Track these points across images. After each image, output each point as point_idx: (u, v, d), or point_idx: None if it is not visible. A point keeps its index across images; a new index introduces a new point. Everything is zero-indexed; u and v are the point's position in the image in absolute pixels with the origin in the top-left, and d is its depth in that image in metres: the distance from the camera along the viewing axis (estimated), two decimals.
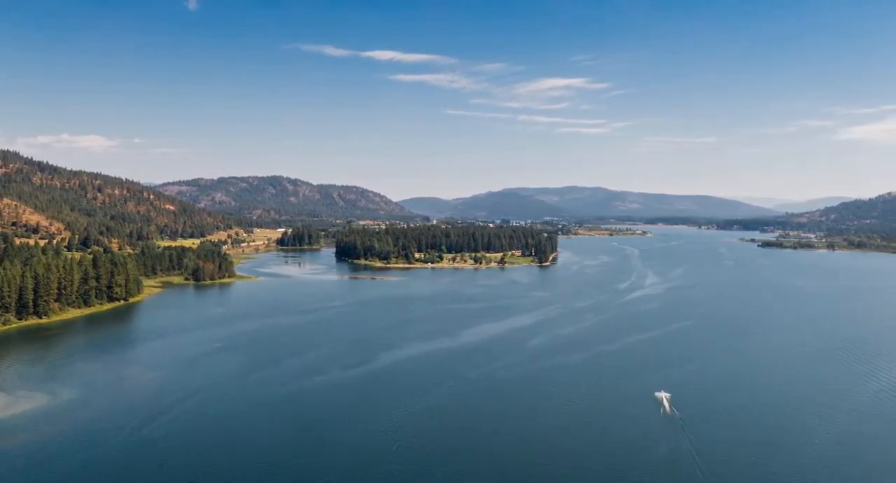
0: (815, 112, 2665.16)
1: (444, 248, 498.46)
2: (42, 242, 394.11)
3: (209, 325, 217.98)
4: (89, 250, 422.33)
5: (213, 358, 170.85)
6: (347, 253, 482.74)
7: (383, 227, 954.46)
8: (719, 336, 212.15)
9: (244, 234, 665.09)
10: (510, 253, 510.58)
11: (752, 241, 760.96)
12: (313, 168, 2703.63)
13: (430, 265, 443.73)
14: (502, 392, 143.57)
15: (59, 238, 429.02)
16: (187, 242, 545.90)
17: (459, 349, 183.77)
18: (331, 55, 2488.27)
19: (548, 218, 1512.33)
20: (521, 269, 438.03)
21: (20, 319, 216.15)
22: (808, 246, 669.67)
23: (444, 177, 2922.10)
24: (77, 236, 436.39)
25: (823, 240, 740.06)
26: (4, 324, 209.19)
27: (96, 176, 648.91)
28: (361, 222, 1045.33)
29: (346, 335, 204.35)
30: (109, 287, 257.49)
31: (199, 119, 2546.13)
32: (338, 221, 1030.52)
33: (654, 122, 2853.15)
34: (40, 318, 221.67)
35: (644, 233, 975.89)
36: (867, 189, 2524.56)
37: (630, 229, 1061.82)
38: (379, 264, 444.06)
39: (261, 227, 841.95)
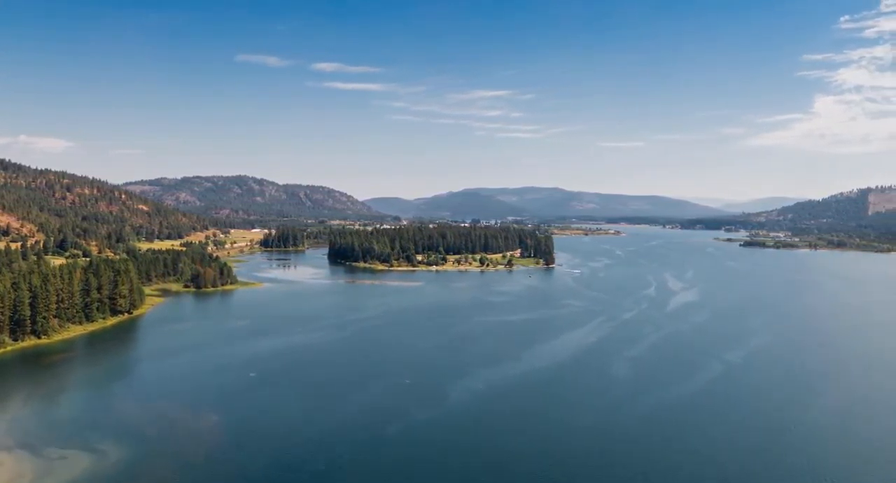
0: (732, 120, 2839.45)
1: (441, 249, 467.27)
2: (14, 245, 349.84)
3: (232, 345, 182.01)
4: (67, 253, 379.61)
5: (258, 394, 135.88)
6: (343, 255, 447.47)
7: (357, 227, 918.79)
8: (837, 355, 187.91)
9: (221, 235, 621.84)
10: (509, 254, 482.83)
11: (730, 240, 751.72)
12: (278, 168, 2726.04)
13: (434, 268, 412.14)
14: (642, 449, 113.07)
15: (32, 241, 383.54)
16: (165, 244, 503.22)
17: (537, 380, 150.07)
18: (275, 65, 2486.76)
19: (510, 217, 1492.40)
20: (529, 271, 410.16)
21: (16, 341, 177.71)
22: (790, 246, 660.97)
23: (403, 178, 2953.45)
24: (52, 239, 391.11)
25: (796, 238, 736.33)
26: None
27: (63, 175, 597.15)
28: (333, 222, 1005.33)
29: (397, 359, 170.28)
30: (112, 298, 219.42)
31: (160, 120, 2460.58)
32: (309, 221, 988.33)
33: (585, 128, 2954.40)
34: (39, 337, 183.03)
35: (617, 232, 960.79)
36: (797, 190, 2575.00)
37: (601, 229, 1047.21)
38: (380, 267, 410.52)
39: (232, 227, 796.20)
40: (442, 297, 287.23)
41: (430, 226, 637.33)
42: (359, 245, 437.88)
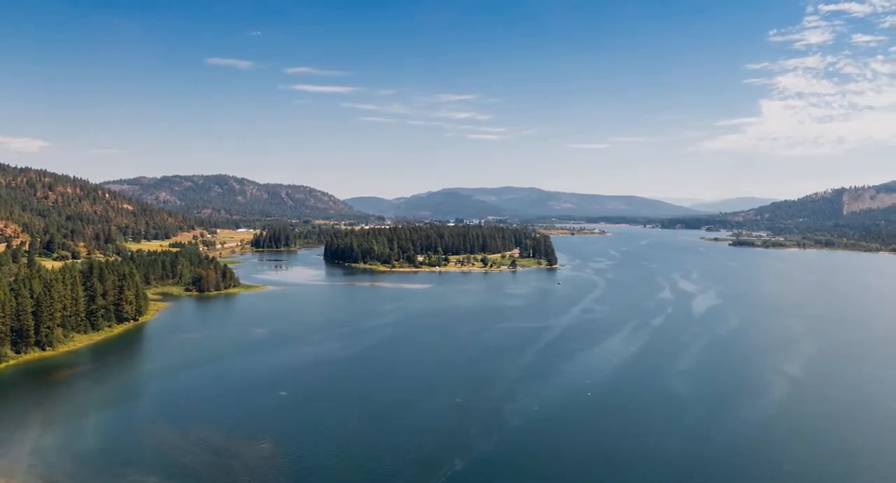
0: (689, 123, 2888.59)
1: (440, 249, 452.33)
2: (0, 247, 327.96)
3: (253, 357, 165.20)
4: (54, 255, 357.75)
5: (298, 416, 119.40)
6: (341, 256, 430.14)
7: (342, 226, 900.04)
8: None
9: (209, 236, 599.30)
10: (508, 253, 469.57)
11: (716, 240, 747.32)
12: (258, 167, 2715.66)
13: (437, 269, 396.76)
14: None
15: (17, 241, 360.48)
16: (153, 245, 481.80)
17: (593, 399, 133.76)
18: (245, 68, 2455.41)
19: (491, 217, 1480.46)
20: (534, 273, 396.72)
21: (18, 353, 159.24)
22: (779, 245, 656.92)
23: (381, 178, 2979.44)
24: (39, 240, 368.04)
25: (780, 238, 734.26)
26: (0, 361, 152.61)
27: (44, 173, 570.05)
28: (318, 222, 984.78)
29: (436, 373, 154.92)
30: (117, 305, 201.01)
31: (135, 120, 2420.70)
32: (294, 221, 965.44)
33: (551, 130, 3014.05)
34: (43, 349, 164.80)
35: (602, 232, 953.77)
36: (764, 190, 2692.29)
37: (584, 228, 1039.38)
38: (382, 268, 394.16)
39: (216, 226, 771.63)
40: (456, 301, 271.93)
41: (418, 225, 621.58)
42: (357, 246, 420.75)
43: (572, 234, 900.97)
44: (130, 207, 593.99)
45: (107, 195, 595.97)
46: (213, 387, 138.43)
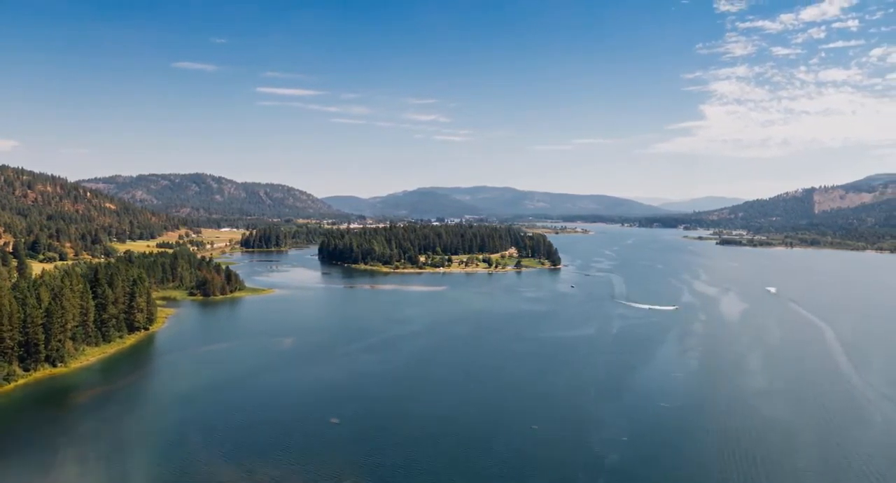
0: (644, 126, 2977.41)
1: (439, 249, 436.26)
2: None
3: (286, 374, 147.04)
4: (41, 256, 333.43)
5: (365, 451, 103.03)
6: (340, 256, 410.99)
7: (325, 225, 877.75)
8: None
9: (194, 235, 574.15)
10: (506, 253, 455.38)
11: (700, 238, 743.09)
12: (234, 166, 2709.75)
13: (440, 270, 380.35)
14: None
15: (0, 242, 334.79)
16: (139, 245, 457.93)
17: (686, 426, 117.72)
18: (211, 71, 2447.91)
19: (468, 216, 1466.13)
20: (539, 274, 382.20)
21: (27, 370, 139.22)
22: (766, 244, 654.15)
23: (356, 177, 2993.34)
24: (23, 240, 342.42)
25: (763, 237, 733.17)
26: (7, 379, 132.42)
27: (22, 171, 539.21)
28: (301, 221, 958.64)
29: (496, 395, 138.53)
30: (128, 313, 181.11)
31: (107, 119, 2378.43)
32: (276, 220, 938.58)
33: (513, 133, 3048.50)
34: (54, 365, 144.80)
35: (585, 231, 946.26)
36: (728, 190, 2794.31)
37: (566, 228, 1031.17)
38: (384, 269, 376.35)
39: (197, 226, 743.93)
40: (476, 305, 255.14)
41: (413, 224, 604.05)
42: (357, 246, 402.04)
43: (556, 233, 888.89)
44: (113, 206, 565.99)
45: (88, 194, 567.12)
46: (257, 411, 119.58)
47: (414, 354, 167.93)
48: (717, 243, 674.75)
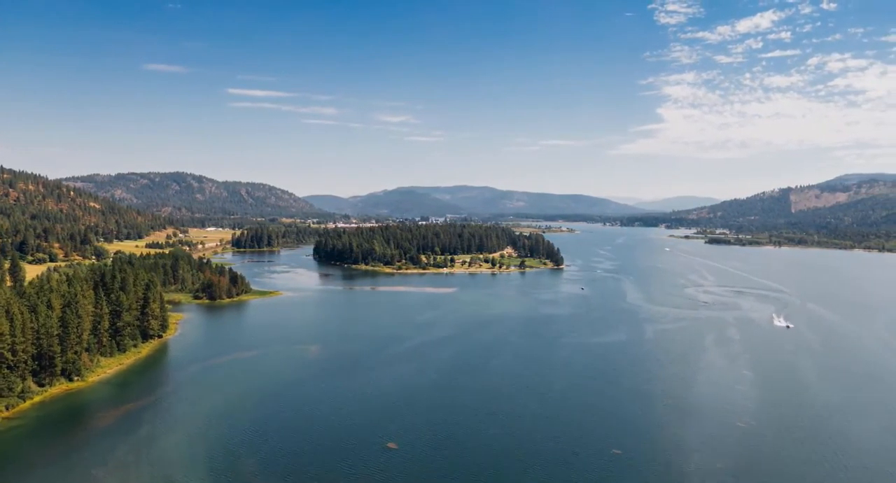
0: (609, 128, 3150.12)
1: (437, 248, 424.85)
2: None
3: (325, 386, 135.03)
4: (30, 258, 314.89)
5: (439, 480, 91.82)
6: (338, 257, 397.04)
7: (310, 224, 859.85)
8: None
9: (181, 235, 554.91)
10: (504, 252, 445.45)
11: (687, 237, 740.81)
12: (214, 165, 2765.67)
13: (443, 270, 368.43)
14: None
15: None
16: (128, 245, 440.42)
17: (780, 451, 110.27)
18: (182, 73, 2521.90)
19: (449, 215, 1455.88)
20: (543, 274, 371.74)
21: (41, 386, 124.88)
22: (755, 243, 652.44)
23: (335, 176, 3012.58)
24: (10, 241, 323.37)
25: (747, 235, 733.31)
26: (22, 396, 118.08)
27: (2, 169, 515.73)
28: (286, 220, 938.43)
29: (542, 398, 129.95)
30: (141, 319, 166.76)
31: (81, 119, 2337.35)
32: (259, 220, 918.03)
33: (486, 133, 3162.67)
34: (70, 379, 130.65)
35: (570, 230, 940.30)
36: (700, 190, 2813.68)
37: (551, 227, 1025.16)
38: (387, 270, 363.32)
39: (182, 225, 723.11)
40: (494, 308, 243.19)
41: (395, 224, 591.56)
42: (357, 246, 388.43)
43: (543, 232, 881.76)
44: (97, 206, 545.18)
45: (71, 193, 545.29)
46: (304, 433, 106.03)
47: (454, 365, 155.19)
48: (705, 242, 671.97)
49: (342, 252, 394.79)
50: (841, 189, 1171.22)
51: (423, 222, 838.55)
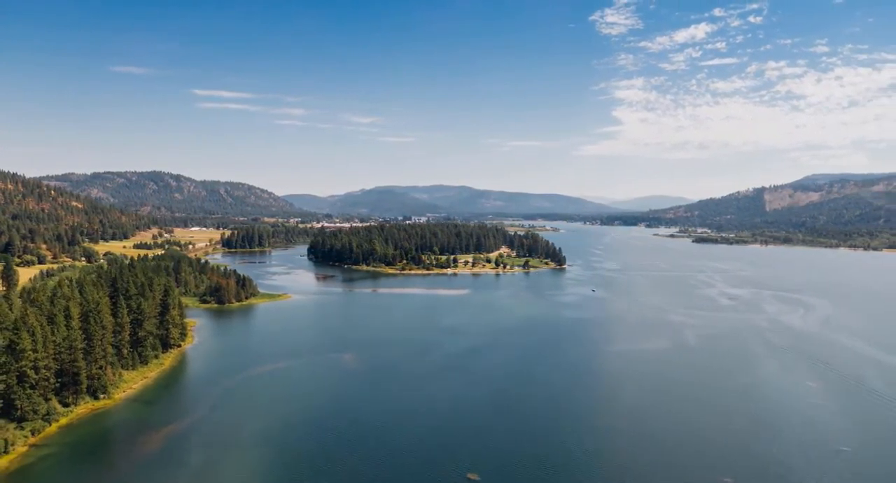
0: (572, 130, 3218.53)
1: (436, 248, 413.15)
2: None
3: (374, 403, 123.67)
4: (18, 260, 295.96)
5: None
6: (336, 257, 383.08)
7: (293, 223, 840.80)
8: None
9: (167, 235, 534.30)
10: (502, 252, 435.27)
11: (673, 236, 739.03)
12: (191, 164, 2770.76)
13: (447, 271, 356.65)
14: None
15: None
16: (115, 246, 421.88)
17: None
18: (148, 74, 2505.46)
19: (429, 214, 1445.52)
20: (547, 275, 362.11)
21: (66, 405, 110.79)
22: (742, 242, 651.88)
23: (311, 176, 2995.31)
24: None
25: (731, 234, 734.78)
26: (47, 419, 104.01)
27: None
28: (268, 219, 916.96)
29: (609, 416, 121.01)
30: (161, 328, 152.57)
31: (56, 117, 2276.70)
32: (242, 219, 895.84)
33: (456, 134, 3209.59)
34: (96, 397, 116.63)
35: (555, 229, 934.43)
36: (669, 189, 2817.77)
37: (535, 226, 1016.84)
38: (389, 271, 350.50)
39: (165, 224, 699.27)
40: (515, 311, 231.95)
41: (403, 223, 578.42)
42: (357, 246, 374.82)
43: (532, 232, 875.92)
44: (80, 205, 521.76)
45: (52, 192, 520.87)
46: (375, 459, 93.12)
47: (506, 376, 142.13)
48: (692, 241, 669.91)
49: (341, 252, 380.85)
50: (813, 189, 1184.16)
51: (408, 221, 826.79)
